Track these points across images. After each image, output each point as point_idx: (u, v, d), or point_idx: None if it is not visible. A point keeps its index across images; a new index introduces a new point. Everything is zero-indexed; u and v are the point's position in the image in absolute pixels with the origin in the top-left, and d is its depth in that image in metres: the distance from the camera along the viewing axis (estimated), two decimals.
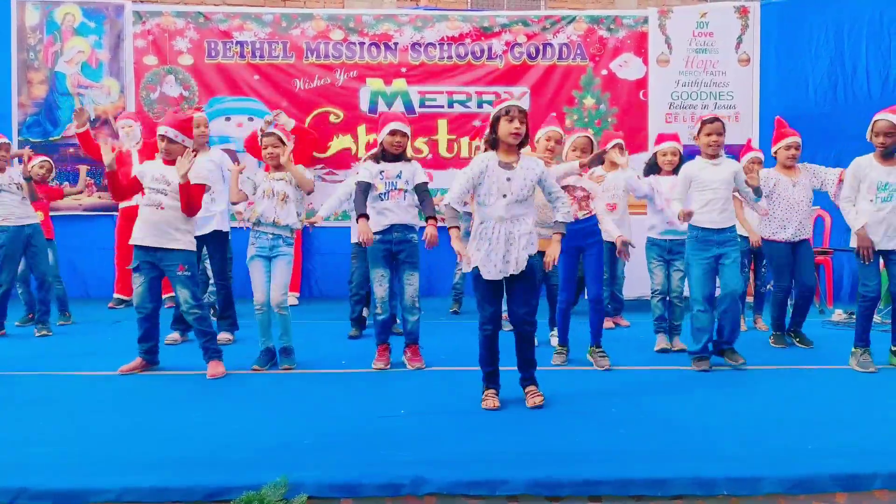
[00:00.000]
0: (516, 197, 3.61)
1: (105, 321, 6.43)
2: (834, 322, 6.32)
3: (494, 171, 3.61)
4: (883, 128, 4.49)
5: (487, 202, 3.63)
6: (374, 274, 4.63)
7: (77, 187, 7.25)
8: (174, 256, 4.45)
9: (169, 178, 4.42)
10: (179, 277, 4.47)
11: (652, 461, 2.86)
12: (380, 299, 4.63)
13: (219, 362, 4.48)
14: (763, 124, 7.99)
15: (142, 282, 4.46)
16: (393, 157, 4.56)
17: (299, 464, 2.81)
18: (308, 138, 7.61)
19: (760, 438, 3.16)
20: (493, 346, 3.74)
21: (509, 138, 3.59)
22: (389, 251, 4.59)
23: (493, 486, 2.66)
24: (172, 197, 4.41)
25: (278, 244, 4.58)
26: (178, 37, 8.07)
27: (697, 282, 4.59)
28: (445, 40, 8.27)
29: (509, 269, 3.61)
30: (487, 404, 3.67)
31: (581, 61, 8.34)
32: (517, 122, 3.57)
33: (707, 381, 4.29)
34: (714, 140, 4.55)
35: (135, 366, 4.51)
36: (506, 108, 3.61)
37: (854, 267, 7.95)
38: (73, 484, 2.66)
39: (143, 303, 4.48)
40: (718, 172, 4.60)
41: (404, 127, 4.54)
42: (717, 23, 8.20)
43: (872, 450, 2.99)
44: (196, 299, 4.51)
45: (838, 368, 4.61)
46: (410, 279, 4.63)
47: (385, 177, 4.53)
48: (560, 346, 4.79)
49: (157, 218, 4.41)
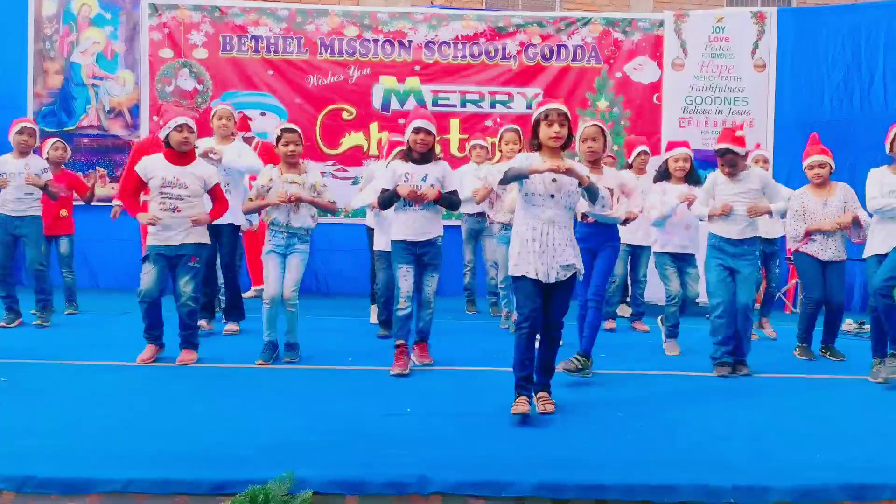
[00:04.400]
0: (565, 202, 3.56)
1: (114, 312, 6.46)
2: (844, 332, 6.27)
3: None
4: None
5: (536, 202, 3.56)
6: (399, 271, 4.56)
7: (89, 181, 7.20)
8: (187, 248, 4.53)
9: (184, 180, 4.48)
10: (189, 268, 4.54)
11: (659, 467, 2.84)
12: (404, 294, 4.54)
13: (193, 351, 4.60)
14: (778, 131, 7.94)
15: (151, 270, 4.48)
16: (419, 155, 4.50)
17: (305, 460, 2.80)
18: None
19: (769, 447, 3.14)
20: (529, 347, 3.57)
21: (550, 142, 3.54)
22: (414, 253, 4.56)
23: (499, 488, 2.65)
24: (188, 199, 4.49)
25: (293, 242, 4.64)
26: (194, 30, 8.09)
27: (714, 289, 4.60)
28: (460, 39, 8.26)
29: (553, 276, 3.53)
30: (518, 409, 3.45)
31: (595, 63, 8.31)
32: (557, 126, 3.52)
33: (717, 389, 4.27)
34: (727, 171, 4.64)
35: (152, 353, 4.57)
36: (545, 111, 3.56)
37: (866, 278, 7.91)
38: (78, 473, 2.67)
39: (152, 291, 4.49)
40: (740, 186, 4.63)
41: (429, 125, 4.47)
42: (733, 28, 8.15)
43: (882, 461, 2.96)
44: (196, 292, 4.61)
45: (849, 378, 4.58)
46: (430, 280, 4.63)
47: (410, 179, 4.47)
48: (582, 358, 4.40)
49: (172, 220, 4.49)
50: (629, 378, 4.43)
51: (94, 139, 8.02)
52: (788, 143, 7.51)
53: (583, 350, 4.39)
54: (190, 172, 4.54)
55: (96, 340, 5.24)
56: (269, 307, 4.62)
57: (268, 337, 4.66)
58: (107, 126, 8.00)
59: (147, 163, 4.59)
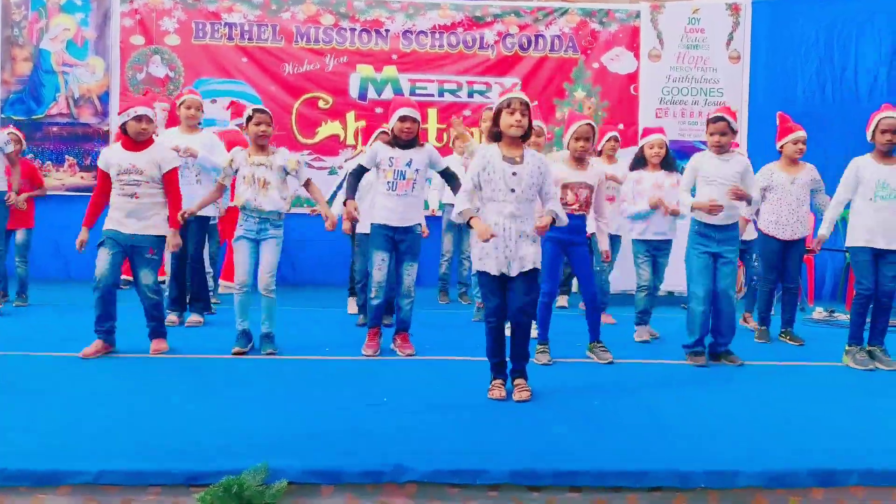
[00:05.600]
0: (525, 195, 3.57)
1: (87, 303, 6.32)
2: (815, 320, 6.39)
3: (498, 165, 3.56)
4: (891, 125, 4.46)
5: (496, 198, 3.57)
6: (374, 257, 4.57)
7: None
8: (146, 240, 4.44)
9: (140, 166, 4.41)
10: (147, 260, 4.47)
11: (631, 453, 2.87)
12: (377, 283, 4.57)
13: (163, 340, 4.57)
14: (752, 122, 8.02)
15: (107, 256, 4.37)
16: (404, 143, 4.49)
17: (280, 450, 2.79)
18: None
19: (740, 433, 3.18)
20: (499, 338, 3.72)
21: (511, 130, 3.55)
22: (392, 238, 4.55)
23: (474, 476, 2.66)
24: (146, 185, 4.41)
25: (266, 227, 4.54)
26: (166, 17, 7.98)
27: (696, 276, 4.57)
28: (437, 29, 8.23)
29: (514, 268, 3.57)
30: (494, 394, 3.64)
31: (573, 54, 8.34)
32: (518, 115, 3.52)
33: (690, 377, 4.31)
34: (717, 140, 4.53)
35: (98, 348, 4.37)
36: (507, 100, 3.57)
37: (837, 266, 8.04)
38: (48, 465, 2.63)
39: (107, 278, 4.36)
40: (726, 168, 4.54)
41: (414, 113, 4.47)
42: (708, 19, 8.21)
43: (850, 447, 3.01)
44: (157, 284, 4.56)
45: (820, 365, 4.66)
46: (409, 270, 4.60)
47: (395, 164, 4.46)
48: (541, 345, 4.54)
49: (132, 206, 4.41)
50: (603, 368, 4.46)
51: (64, 127, 7.89)
52: (762, 135, 7.58)
53: (592, 339, 4.61)
54: (145, 157, 4.43)
55: (72, 332, 5.15)
56: (241, 295, 4.53)
57: (240, 325, 4.58)
58: (76, 114, 7.88)
59: (106, 154, 4.53)
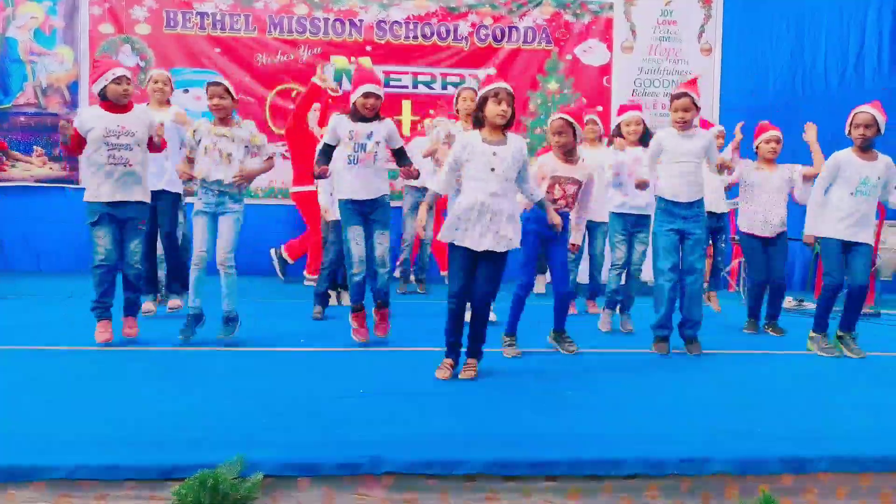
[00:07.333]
0: (505, 175, 3.69)
1: (59, 296, 6.27)
2: (785, 308, 6.49)
3: (478, 147, 3.70)
4: (864, 120, 4.53)
5: (479, 177, 3.70)
6: (350, 233, 4.53)
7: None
8: (135, 209, 4.43)
9: (130, 127, 4.34)
10: (137, 231, 4.49)
11: (605, 442, 2.91)
12: (357, 258, 4.53)
13: (134, 321, 4.55)
14: (723, 114, 8.12)
15: (106, 234, 4.35)
16: (365, 119, 4.49)
17: (256, 443, 2.78)
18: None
19: (712, 421, 3.24)
20: (458, 320, 3.84)
21: (496, 119, 3.69)
22: (362, 212, 4.55)
23: (450, 466, 2.67)
24: (138, 149, 4.38)
25: (224, 201, 4.46)
26: (136, 5, 7.85)
27: (662, 253, 4.61)
28: (411, 19, 8.20)
29: (493, 244, 3.67)
30: (439, 374, 3.78)
31: (546, 45, 8.36)
32: (504, 105, 3.67)
33: (662, 365, 4.38)
34: (681, 116, 4.55)
35: (108, 328, 4.36)
36: (494, 89, 3.69)
37: (807, 256, 8.18)
38: (22, 460, 2.60)
39: (110, 253, 4.36)
40: (690, 144, 4.57)
41: (378, 90, 4.47)
42: (680, 12, 8.29)
43: (819, 433, 3.08)
44: (143, 256, 4.66)
45: (788, 354, 4.76)
46: (381, 238, 4.58)
47: (355, 136, 4.45)
48: (508, 336, 4.46)
49: (123, 175, 4.35)
50: (577, 356, 4.50)
51: (31, 117, 7.74)
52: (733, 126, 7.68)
53: (557, 328, 4.62)
54: (133, 117, 4.39)
55: (42, 324, 5.09)
56: (197, 269, 4.45)
57: (193, 304, 4.51)
58: (44, 104, 7.73)
59: (85, 115, 4.44)
